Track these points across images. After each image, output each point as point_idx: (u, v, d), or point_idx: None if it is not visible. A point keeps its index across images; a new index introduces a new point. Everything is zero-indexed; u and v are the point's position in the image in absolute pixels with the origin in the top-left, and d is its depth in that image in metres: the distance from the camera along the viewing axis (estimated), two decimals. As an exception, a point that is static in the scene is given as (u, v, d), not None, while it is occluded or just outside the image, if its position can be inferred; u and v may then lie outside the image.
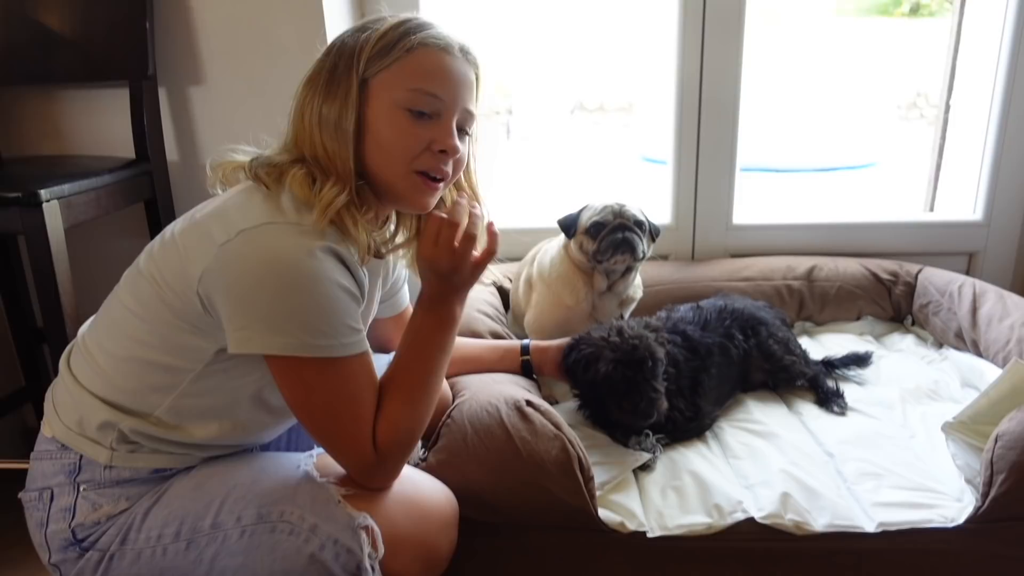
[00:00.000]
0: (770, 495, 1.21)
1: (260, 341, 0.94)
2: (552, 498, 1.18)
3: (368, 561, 0.98)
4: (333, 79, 1.01)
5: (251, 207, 0.97)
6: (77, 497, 1.00)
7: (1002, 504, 1.13)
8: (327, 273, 0.94)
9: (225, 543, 0.98)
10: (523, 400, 1.24)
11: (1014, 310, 1.58)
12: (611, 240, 1.49)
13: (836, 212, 2.05)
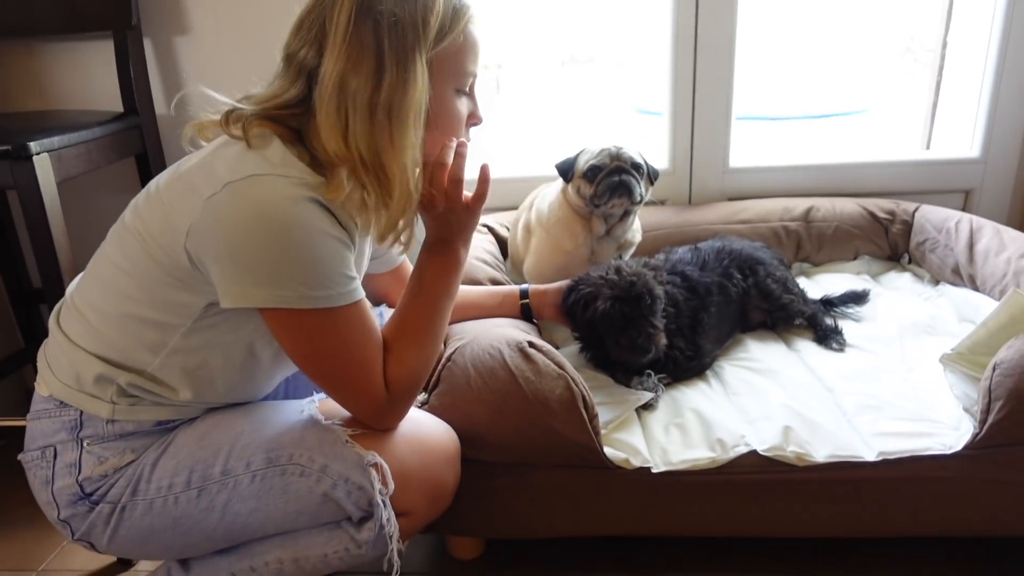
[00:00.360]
0: (772, 428, 1.23)
1: (255, 295, 0.93)
2: (557, 437, 1.19)
3: (379, 497, 1.00)
4: (397, 60, 0.93)
5: (236, 159, 0.94)
6: (81, 452, 1.00)
7: (999, 430, 1.15)
8: (317, 223, 0.93)
9: (236, 489, 1.00)
10: (525, 341, 1.24)
11: (1011, 244, 1.59)
12: (608, 183, 1.47)
13: (832, 153, 2.02)
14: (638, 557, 1.37)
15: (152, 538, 1.02)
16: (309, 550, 1.04)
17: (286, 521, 1.02)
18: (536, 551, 1.39)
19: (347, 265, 0.97)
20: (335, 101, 0.93)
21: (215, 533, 1.02)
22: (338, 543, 1.03)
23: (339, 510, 1.02)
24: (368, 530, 1.02)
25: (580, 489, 1.24)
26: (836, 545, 1.34)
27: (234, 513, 1.01)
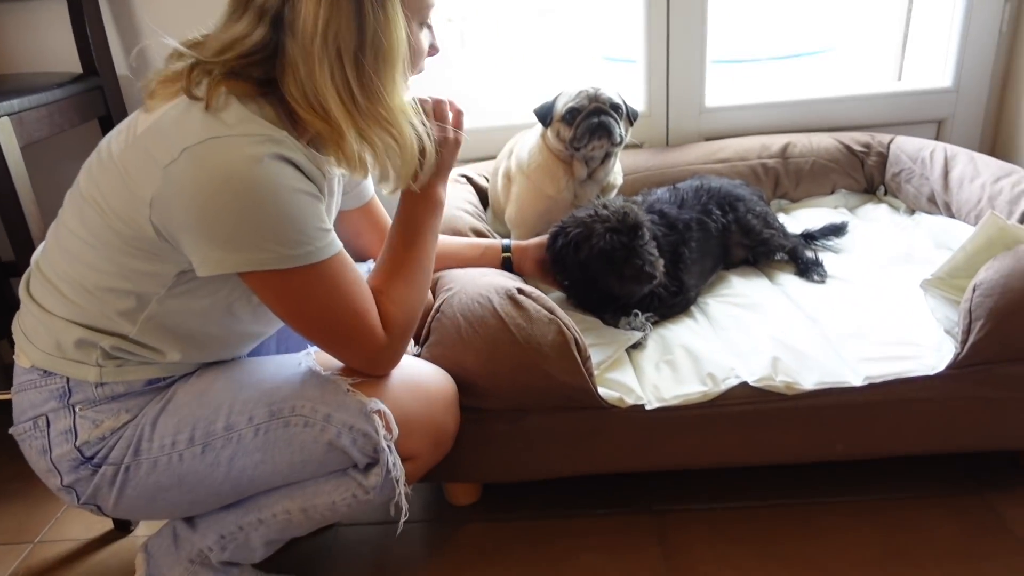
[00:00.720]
0: (760, 360, 1.25)
1: (232, 260, 0.91)
2: (551, 381, 1.20)
3: (384, 442, 1.01)
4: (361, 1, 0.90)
5: (192, 122, 0.89)
6: (75, 418, 0.99)
7: (979, 349, 1.18)
8: (283, 180, 0.90)
9: (241, 443, 1.00)
10: (514, 288, 1.24)
11: (984, 170, 1.61)
12: (587, 125, 1.46)
13: (807, 89, 2.02)
14: (631, 493, 1.40)
15: (159, 496, 1.02)
16: (317, 498, 1.04)
17: (292, 472, 1.03)
18: (532, 493, 1.42)
19: (320, 218, 0.95)
20: (321, 50, 0.89)
21: (222, 488, 1.02)
22: (345, 490, 1.04)
23: (345, 458, 1.02)
24: (375, 475, 1.03)
25: (575, 430, 1.26)
26: (824, 469, 1.38)
27: (240, 467, 1.01)
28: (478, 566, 1.28)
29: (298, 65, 0.90)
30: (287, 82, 0.92)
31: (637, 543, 1.29)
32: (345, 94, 0.91)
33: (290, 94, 0.92)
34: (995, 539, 1.23)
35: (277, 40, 0.91)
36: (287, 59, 0.91)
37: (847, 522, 1.29)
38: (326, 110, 0.91)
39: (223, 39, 0.92)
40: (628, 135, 1.54)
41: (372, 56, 0.91)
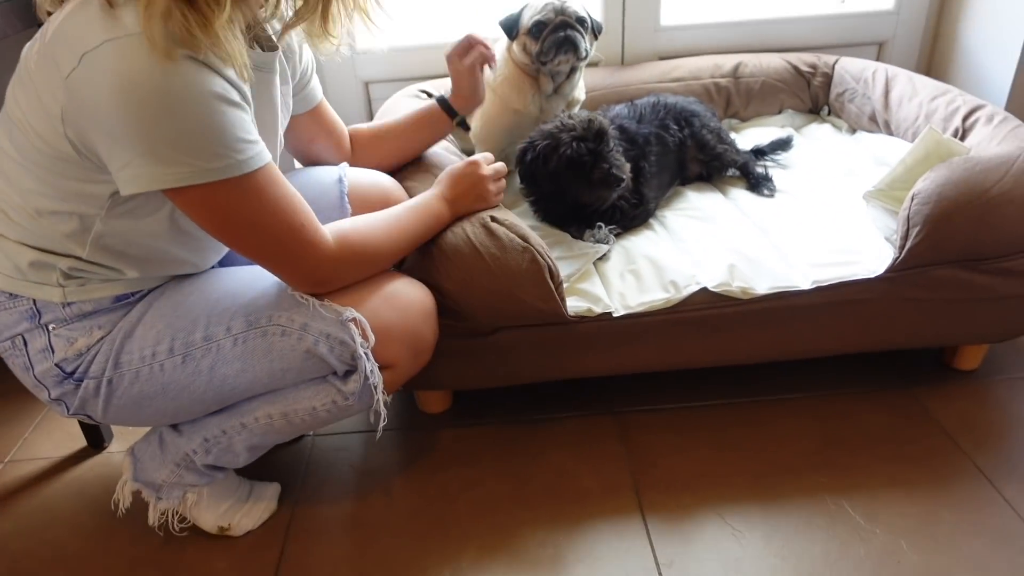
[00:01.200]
0: (718, 267, 1.33)
1: (149, 177, 0.85)
2: (525, 306, 1.24)
3: (361, 349, 1.03)
4: None
5: (88, 23, 0.82)
6: (49, 337, 0.99)
7: (916, 253, 1.28)
8: (197, 86, 0.82)
9: (220, 352, 1.01)
10: (487, 216, 1.25)
11: (922, 89, 1.70)
12: (554, 39, 1.47)
13: (756, 9, 2.06)
14: (594, 396, 1.48)
15: (145, 404, 1.03)
16: (297, 403, 1.07)
17: (273, 379, 1.05)
18: (501, 399, 1.48)
19: (243, 128, 0.88)
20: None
21: (205, 396, 1.04)
22: (325, 396, 1.07)
23: (324, 365, 1.05)
24: (354, 382, 1.05)
25: (546, 340, 1.31)
26: (771, 368, 1.49)
27: (221, 376, 1.02)
28: (452, 468, 1.34)
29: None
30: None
31: (601, 442, 1.38)
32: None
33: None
34: (919, 427, 1.37)
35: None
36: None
37: (791, 416, 1.41)
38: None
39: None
40: (593, 49, 1.55)
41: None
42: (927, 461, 1.29)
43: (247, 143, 0.89)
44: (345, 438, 1.44)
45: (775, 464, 1.30)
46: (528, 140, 1.41)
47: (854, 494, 1.23)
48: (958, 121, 1.54)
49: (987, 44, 1.88)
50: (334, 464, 1.38)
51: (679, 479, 1.28)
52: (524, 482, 1.30)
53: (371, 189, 1.29)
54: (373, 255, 1.10)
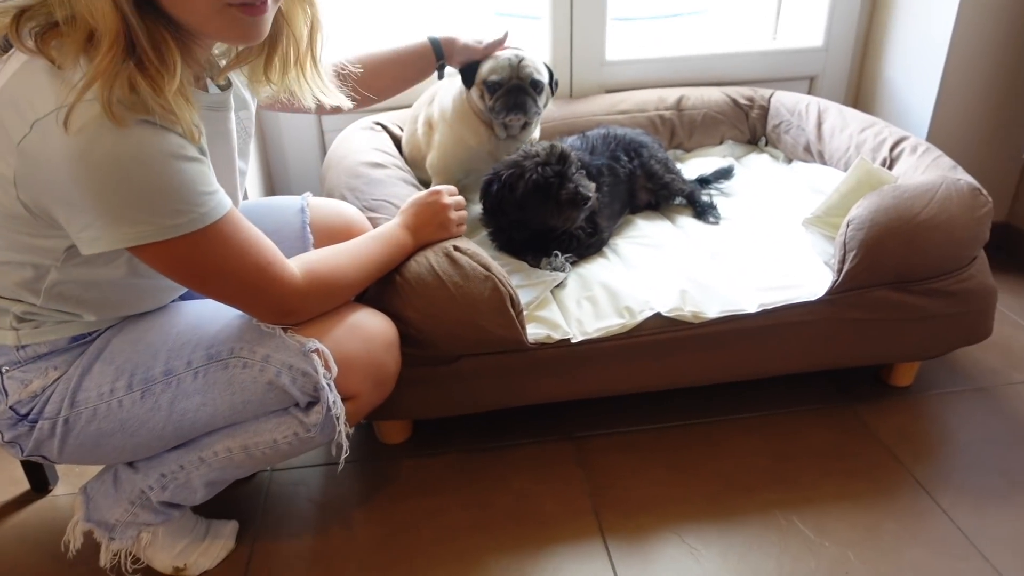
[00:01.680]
0: (670, 293, 1.37)
1: (110, 238, 0.84)
2: (487, 334, 1.26)
3: (324, 380, 1.03)
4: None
5: (37, 87, 0.81)
6: (2, 380, 0.97)
7: (853, 276, 1.36)
8: (152, 147, 0.82)
9: (180, 386, 1.00)
10: (451, 246, 1.27)
11: (851, 121, 1.81)
12: (504, 102, 1.50)
13: (696, 45, 2.16)
14: (552, 422, 1.50)
15: (103, 442, 1.01)
16: (258, 436, 1.06)
17: (234, 412, 1.04)
18: (460, 428, 1.49)
19: (203, 181, 0.88)
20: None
21: (164, 431, 1.02)
22: (287, 428, 1.06)
23: (286, 397, 1.04)
24: (316, 413, 1.05)
25: (506, 367, 1.33)
26: (722, 390, 1.54)
27: (181, 410, 1.01)
28: (414, 498, 1.34)
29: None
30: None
31: (560, 466, 1.40)
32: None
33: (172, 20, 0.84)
34: (861, 442, 1.44)
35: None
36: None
37: (742, 435, 1.46)
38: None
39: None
40: (549, 103, 1.60)
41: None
42: (870, 474, 1.35)
43: (207, 195, 0.89)
44: (303, 472, 1.42)
45: (729, 482, 1.35)
46: (492, 171, 1.45)
47: (804, 509, 1.28)
48: (885, 152, 1.65)
49: (908, 79, 2.02)
50: (293, 499, 1.36)
51: (637, 501, 1.31)
52: (486, 509, 1.31)
53: (334, 219, 1.30)
54: (340, 286, 1.11)
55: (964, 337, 1.48)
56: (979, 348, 1.67)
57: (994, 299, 1.46)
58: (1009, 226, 2.10)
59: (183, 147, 0.86)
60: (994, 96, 1.94)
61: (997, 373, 1.62)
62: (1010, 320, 1.80)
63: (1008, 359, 1.66)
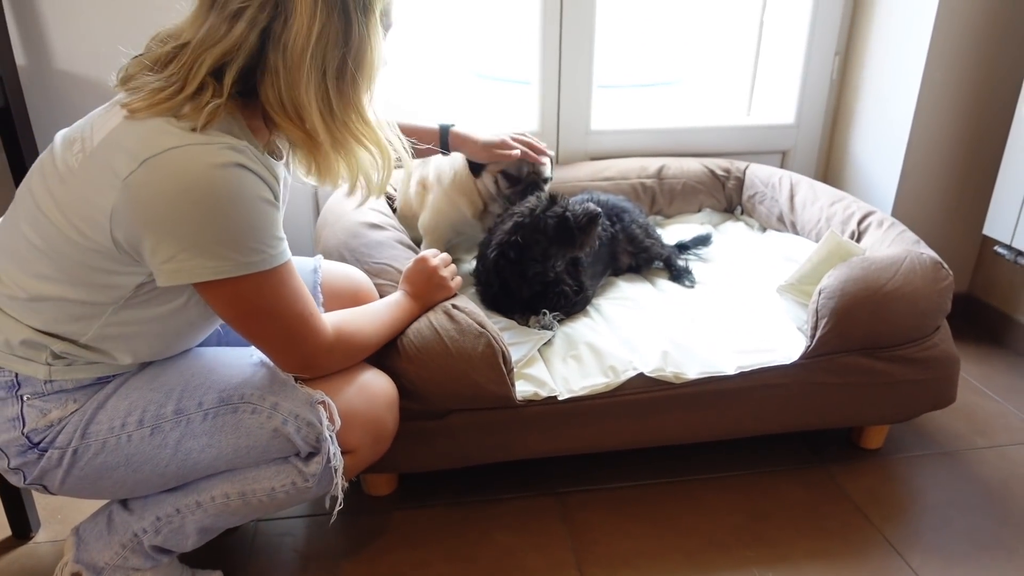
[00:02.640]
0: (653, 354, 1.43)
1: (190, 270, 0.92)
2: (479, 389, 1.31)
3: (327, 432, 1.07)
4: (361, 17, 0.94)
5: (150, 133, 0.91)
6: (23, 407, 1.00)
7: (824, 342, 1.43)
8: (245, 189, 0.92)
9: (189, 426, 1.03)
10: (450, 305, 1.34)
11: (822, 195, 1.92)
12: (522, 195, 1.60)
13: (676, 118, 2.28)
14: (536, 478, 1.54)
15: (105, 476, 1.03)
16: (256, 483, 1.08)
17: (237, 456, 1.06)
18: (446, 481, 1.52)
19: (277, 226, 0.98)
20: (309, 64, 0.92)
21: (167, 469, 1.04)
22: (285, 477, 1.08)
23: (288, 445, 1.07)
24: (316, 463, 1.08)
25: (494, 423, 1.37)
26: (700, 449, 1.59)
27: (187, 450, 1.04)
28: (400, 551, 1.36)
29: (279, 75, 0.93)
30: (265, 90, 0.95)
31: (544, 521, 1.43)
32: (325, 107, 0.96)
33: (268, 101, 0.96)
34: (834, 502, 1.49)
35: (262, 51, 0.94)
36: (268, 68, 0.94)
37: (720, 493, 1.50)
38: (303, 120, 0.96)
39: (216, 51, 0.92)
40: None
41: (353, 72, 0.97)
42: (842, 533, 1.40)
43: (278, 239, 0.98)
44: (290, 523, 1.43)
45: (707, 539, 1.38)
46: (498, 241, 1.51)
47: (779, 566, 1.32)
48: (854, 225, 1.75)
49: (874, 156, 2.15)
50: (279, 549, 1.37)
51: (619, 556, 1.34)
52: (471, 563, 1.33)
53: (342, 282, 1.36)
54: (361, 347, 1.18)
55: (930, 402, 1.55)
56: (945, 413, 1.75)
57: (957, 367, 1.54)
58: (971, 297, 2.21)
59: (267, 193, 0.95)
60: (955, 174, 2.07)
61: (961, 438, 1.69)
62: (973, 387, 1.89)
63: (972, 425, 1.74)
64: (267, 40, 0.93)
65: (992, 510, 1.46)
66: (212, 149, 0.90)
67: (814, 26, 2.17)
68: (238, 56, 0.93)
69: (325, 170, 1.03)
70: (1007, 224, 1.84)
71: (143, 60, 0.97)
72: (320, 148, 1.00)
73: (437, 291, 1.34)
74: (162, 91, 0.92)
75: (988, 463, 1.61)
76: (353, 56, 0.96)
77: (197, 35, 0.93)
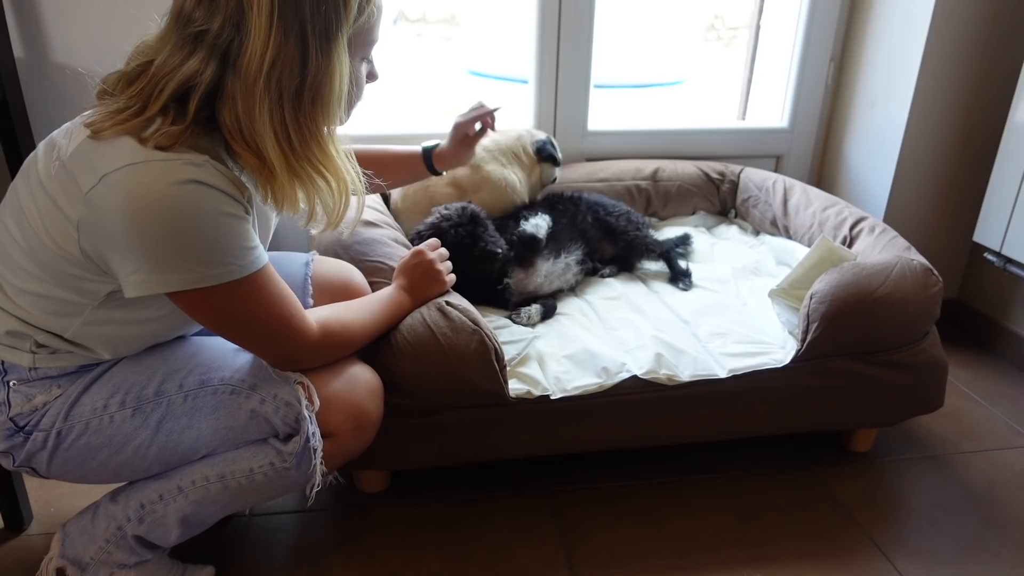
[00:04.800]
0: (646, 356, 1.45)
1: (155, 282, 0.93)
2: (471, 385, 1.32)
3: (305, 411, 1.08)
4: (320, 46, 0.92)
5: (111, 149, 0.91)
6: (9, 392, 1.02)
7: (815, 346, 1.45)
8: (204, 205, 0.91)
9: (170, 407, 1.05)
10: (443, 301, 1.34)
11: (815, 200, 1.93)
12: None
13: (672, 121, 2.30)
14: (529, 476, 1.55)
15: (90, 458, 1.04)
16: (235, 464, 1.08)
17: (216, 437, 1.07)
18: (438, 479, 1.53)
19: (245, 237, 0.96)
20: (263, 90, 0.90)
21: (149, 451, 1.05)
22: (264, 457, 1.08)
23: (267, 425, 1.08)
24: (294, 443, 1.08)
25: (487, 421, 1.38)
26: (691, 450, 1.61)
27: (167, 430, 1.05)
28: (392, 547, 1.37)
29: (236, 101, 0.92)
30: (223, 114, 0.93)
31: (537, 520, 1.44)
32: (281, 134, 0.94)
33: (225, 127, 0.94)
34: (823, 504, 1.50)
35: (222, 75, 0.92)
36: (226, 93, 0.92)
37: (710, 494, 1.52)
38: (260, 148, 0.94)
39: (175, 74, 0.91)
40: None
41: (311, 100, 0.94)
42: (830, 535, 1.42)
43: (247, 250, 0.97)
44: (281, 518, 1.44)
45: (696, 540, 1.40)
46: (416, 232, 1.58)
47: (768, 567, 1.34)
48: (846, 230, 1.77)
49: (867, 162, 2.17)
50: (271, 545, 1.38)
51: (610, 556, 1.36)
52: (462, 560, 1.34)
53: (335, 276, 1.36)
54: (348, 343, 1.18)
55: (918, 407, 1.57)
56: (932, 418, 1.77)
57: (945, 372, 1.56)
58: (960, 303, 2.24)
59: (231, 207, 0.94)
60: (946, 182, 2.10)
61: (948, 442, 1.71)
62: (961, 392, 1.91)
63: (959, 429, 1.76)
64: (225, 63, 0.91)
65: (978, 513, 1.49)
66: (170, 166, 0.89)
67: (810, 32, 2.18)
68: (199, 84, 0.91)
69: (280, 198, 0.99)
70: (997, 231, 1.87)
71: (118, 74, 0.97)
72: (276, 177, 0.96)
73: (432, 285, 1.35)
74: (122, 112, 0.92)
75: (974, 467, 1.63)
76: (310, 84, 0.93)
77: (159, 57, 0.93)
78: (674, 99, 5.19)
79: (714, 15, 7.99)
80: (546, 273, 1.67)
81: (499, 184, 1.81)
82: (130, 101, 0.93)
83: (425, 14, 8.73)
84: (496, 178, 1.81)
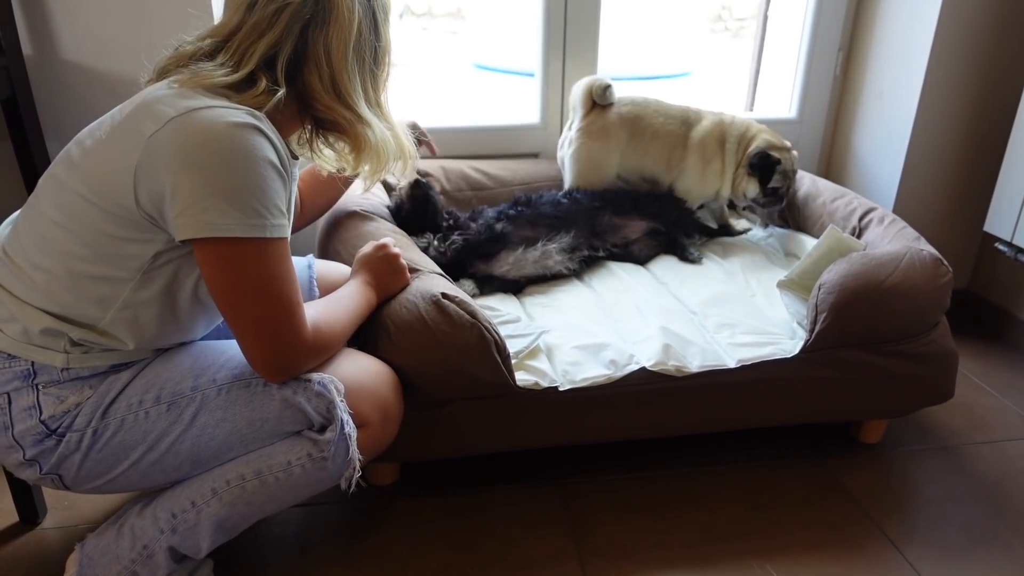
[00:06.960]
0: (654, 347, 1.45)
1: (194, 224, 0.94)
2: (473, 379, 1.31)
3: (338, 399, 1.09)
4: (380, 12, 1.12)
5: (178, 97, 0.98)
6: (39, 395, 1.01)
7: (824, 336, 1.44)
8: (260, 151, 0.97)
9: (205, 402, 1.06)
10: (439, 293, 1.31)
11: (824, 191, 1.92)
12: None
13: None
14: (537, 468, 1.55)
15: (123, 457, 1.04)
16: (272, 459, 1.08)
17: (251, 430, 1.07)
18: (447, 470, 1.54)
19: (283, 198, 1.02)
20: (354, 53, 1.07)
21: (181, 447, 1.05)
22: (300, 449, 1.08)
23: (301, 416, 1.08)
24: (330, 431, 1.08)
25: (494, 412, 1.38)
26: (700, 441, 1.61)
27: (201, 424, 1.05)
28: (402, 539, 1.38)
29: (324, 63, 1.06)
30: (310, 78, 1.06)
31: (545, 512, 1.45)
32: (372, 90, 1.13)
33: (313, 89, 1.06)
34: (832, 495, 1.50)
35: (305, 42, 1.04)
36: (310, 56, 1.05)
37: (718, 485, 1.52)
38: (352, 103, 1.09)
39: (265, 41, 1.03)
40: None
41: (382, 59, 1.14)
42: (840, 527, 1.41)
43: (281, 212, 1.01)
44: (292, 512, 1.45)
45: (706, 531, 1.40)
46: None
47: (777, 558, 1.34)
48: (855, 221, 1.76)
49: (876, 153, 2.15)
50: (281, 538, 1.39)
51: (619, 547, 1.36)
52: (472, 551, 1.35)
53: (338, 279, 1.37)
54: (333, 344, 1.16)
55: (928, 398, 1.56)
56: (943, 408, 1.76)
57: (955, 362, 1.55)
58: (971, 293, 2.23)
59: (279, 162, 1.01)
60: (956, 172, 2.08)
61: (959, 433, 1.70)
62: (972, 383, 1.90)
63: (970, 420, 1.75)
64: (308, 32, 1.04)
65: (988, 504, 1.48)
66: (232, 111, 0.97)
67: (818, 21, 2.17)
68: (285, 45, 1.03)
69: (358, 148, 1.13)
70: (1008, 221, 1.85)
71: (182, 53, 1.05)
72: (367, 125, 1.10)
73: (396, 277, 1.34)
74: (214, 72, 1.01)
75: (985, 458, 1.62)
76: (383, 47, 1.13)
77: (245, 25, 1.03)
78: (682, 91, 5.16)
79: (721, 6, 7.94)
80: (513, 261, 1.70)
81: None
82: (222, 65, 1.03)
83: (431, 8, 8.72)
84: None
